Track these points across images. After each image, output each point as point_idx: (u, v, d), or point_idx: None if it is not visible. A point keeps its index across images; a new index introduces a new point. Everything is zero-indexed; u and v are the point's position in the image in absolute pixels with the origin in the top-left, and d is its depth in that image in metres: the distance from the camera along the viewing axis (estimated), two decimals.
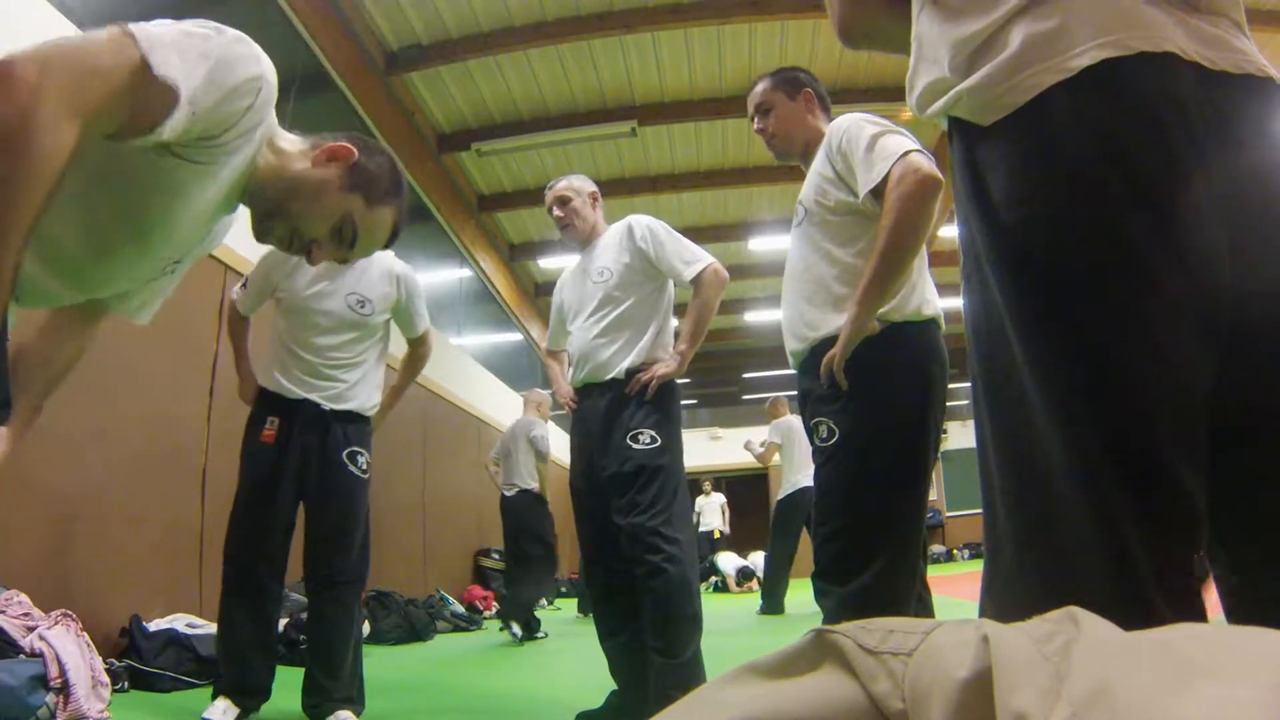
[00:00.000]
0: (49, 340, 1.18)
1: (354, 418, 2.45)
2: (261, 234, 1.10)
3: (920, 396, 1.69)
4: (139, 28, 0.86)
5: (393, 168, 1.16)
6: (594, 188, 2.57)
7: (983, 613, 0.76)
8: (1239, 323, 0.69)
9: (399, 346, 2.69)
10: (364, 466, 2.45)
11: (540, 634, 4.83)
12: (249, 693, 2.28)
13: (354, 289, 2.45)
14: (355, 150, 1.10)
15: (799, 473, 5.62)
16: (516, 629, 4.70)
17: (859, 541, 1.63)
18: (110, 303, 1.19)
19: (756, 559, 8.97)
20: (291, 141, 1.10)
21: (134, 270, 1.09)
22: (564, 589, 8.23)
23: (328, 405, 2.39)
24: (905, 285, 1.69)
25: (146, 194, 0.97)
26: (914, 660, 0.43)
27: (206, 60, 0.90)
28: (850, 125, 1.70)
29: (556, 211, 2.52)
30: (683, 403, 2.45)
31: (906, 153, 1.58)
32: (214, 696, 2.26)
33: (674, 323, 2.48)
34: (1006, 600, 0.75)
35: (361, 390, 2.48)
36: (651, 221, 2.39)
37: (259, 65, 0.96)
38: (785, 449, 5.94)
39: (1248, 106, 0.74)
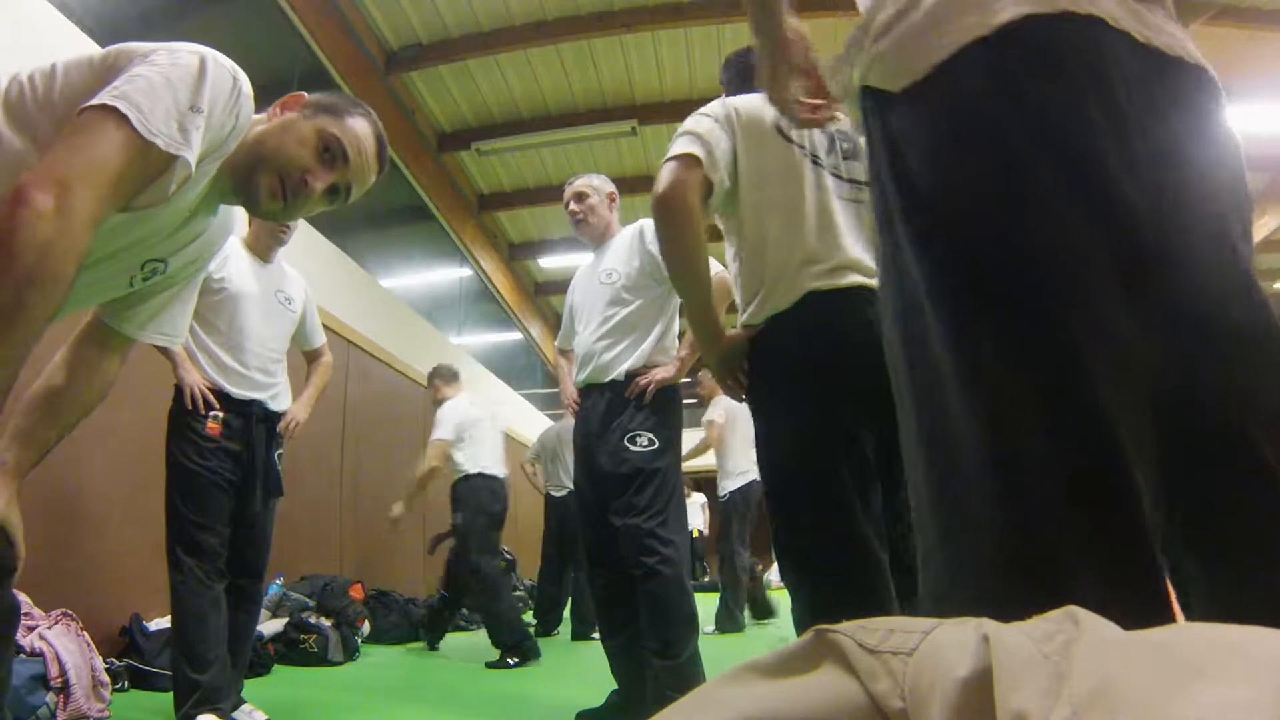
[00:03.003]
0: (68, 380, 1.11)
1: (279, 417, 2.46)
2: (252, 200, 1.07)
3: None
4: (128, 104, 0.87)
5: (349, 98, 1.18)
6: (613, 188, 2.57)
7: None
8: (1171, 309, 0.64)
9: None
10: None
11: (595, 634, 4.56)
12: (226, 696, 2.14)
13: (279, 286, 2.49)
14: (304, 95, 1.14)
15: (749, 461, 4.84)
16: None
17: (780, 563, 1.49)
18: (117, 324, 1.15)
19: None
20: None
21: (99, 271, 1.04)
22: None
23: (274, 406, 2.41)
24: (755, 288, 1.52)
25: None
26: (914, 659, 0.43)
27: (198, 112, 0.92)
28: None
29: (573, 206, 2.52)
30: (683, 402, 2.44)
31: (665, 160, 1.47)
32: (194, 709, 2.05)
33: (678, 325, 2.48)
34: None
35: (283, 388, 2.49)
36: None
37: (233, 75, 0.98)
38: (728, 433, 5.07)
39: (1178, 87, 0.70)
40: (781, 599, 6.06)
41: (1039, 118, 0.65)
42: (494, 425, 4.29)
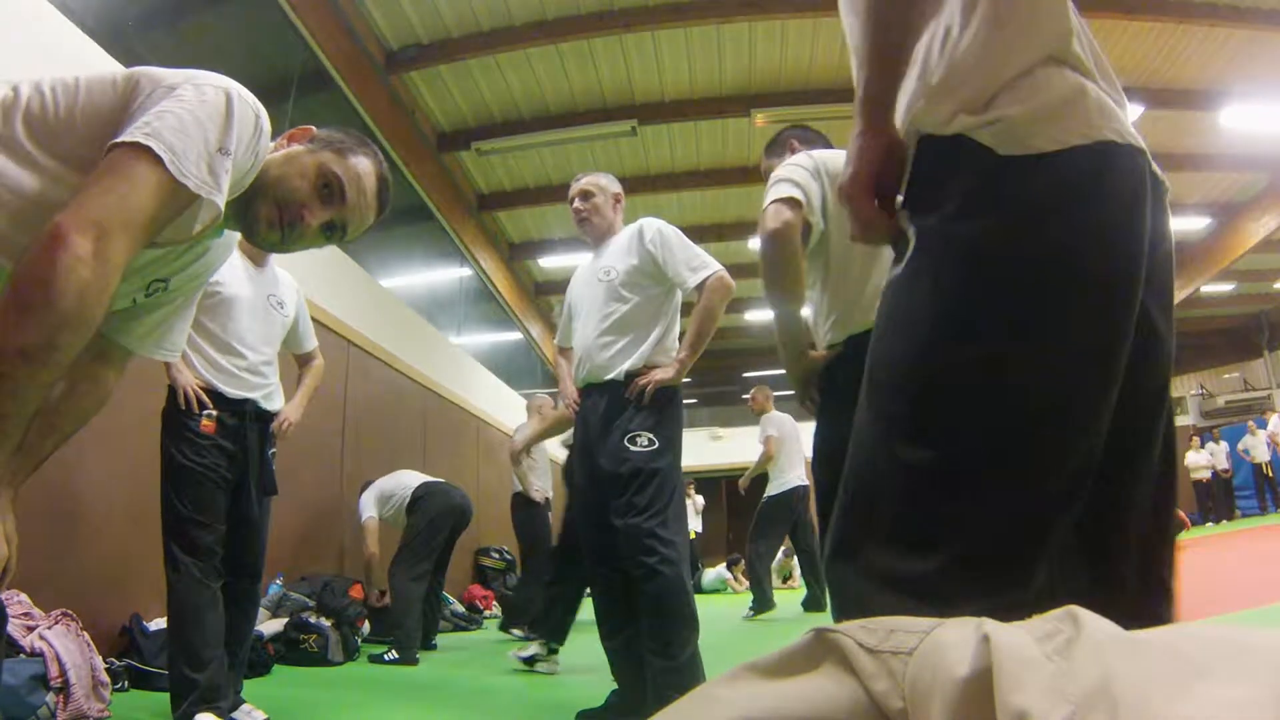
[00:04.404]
0: (67, 391, 1.11)
1: (272, 416, 2.51)
2: (251, 228, 1.08)
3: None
4: (162, 144, 0.87)
5: (356, 136, 1.16)
6: (619, 189, 2.58)
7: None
8: (1142, 383, 0.82)
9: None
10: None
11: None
12: (224, 695, 2.15)
13: (271, 290, 2.54)
14: (312, 128, 1.13)
15: (792, 470, 5.52)
16: (517, 632, 4.62)
17: None
18: (117, 336, 1.15)
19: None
20: None
21: None
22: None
23: (267, 405, 2.45)
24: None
25: None
26: (914, 659, 0.43)
27: (226, 154, 0.93)
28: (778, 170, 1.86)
29: (578, 204, 2.51)
30: (684, 402, 2.44)
31: (770, 201, 1.74)
32: (192, 708, 2.06)
33: (679, 326, 2.48)
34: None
35: (276, 388, 2.53)
36: (663, 225, 2.39)
37: (256, 113, 0.98)
38: (778, 444, 5.67)
39: (1158, 189, 0.88)
40: (784, 596, 6.07)
41: (1106, 219, 0.81)
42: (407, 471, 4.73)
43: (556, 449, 4.36)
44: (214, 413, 2.29)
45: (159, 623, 2.94)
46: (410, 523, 4.22)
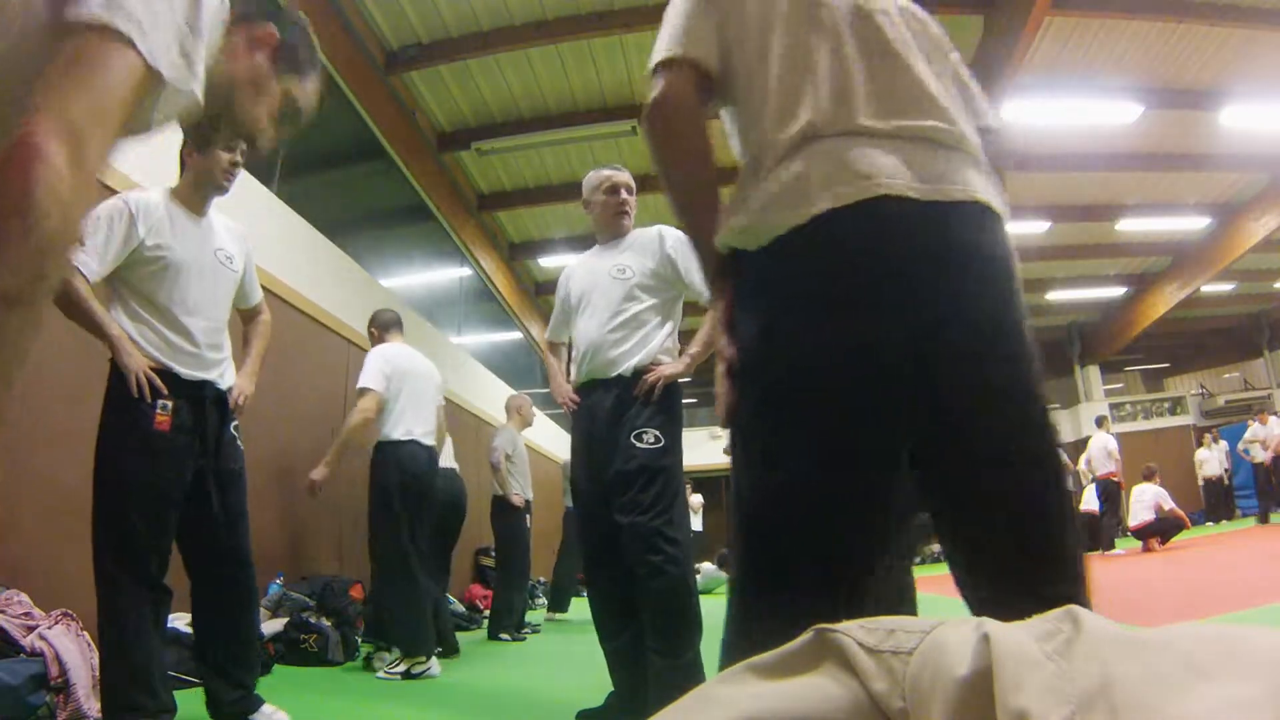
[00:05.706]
0: None
1: (227, 393, 2.25)
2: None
3: None
4: (129, 21, 0.74)
5: (304, 30, 1.07)
6: None
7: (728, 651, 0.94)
8: (941, 408, 0.87)
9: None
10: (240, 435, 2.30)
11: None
12: (173, 709, 2.04)
13: (218, 244, 2.24)
14: (276, 32, 1.01)
15: None
16: (504, 636, 4.79)
17: None
18: None
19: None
20: None
21: None
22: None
23: (224, 385, 2.20)
24: None
25: None
26: (914, 659, 0.43)
27: (199, 35, 0.81)
28: None
29: (624, 195, 2.49)
30: (684, 401, 2.45)
31: None
32: None
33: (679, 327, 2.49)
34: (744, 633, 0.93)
35: (230, 361, 2.29)
36: (682, 234, 2.40)
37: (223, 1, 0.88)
38: None
39: (961, 227, 0.90)
40: None
41: (824, 290, 0.91)
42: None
43: (560, 449, 4.39)
44: (169, 404, 2.01)
45: None
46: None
